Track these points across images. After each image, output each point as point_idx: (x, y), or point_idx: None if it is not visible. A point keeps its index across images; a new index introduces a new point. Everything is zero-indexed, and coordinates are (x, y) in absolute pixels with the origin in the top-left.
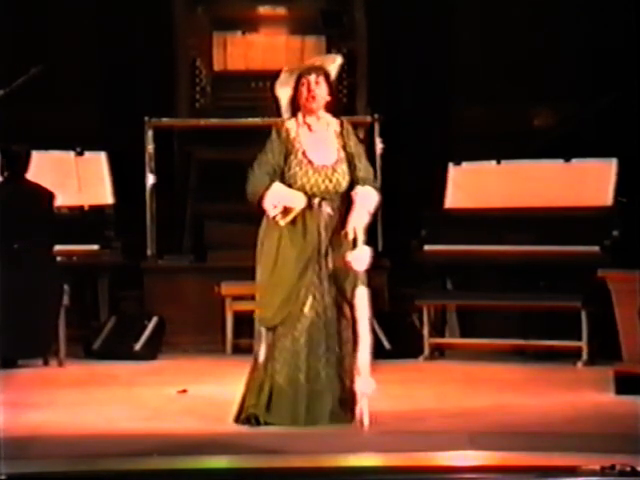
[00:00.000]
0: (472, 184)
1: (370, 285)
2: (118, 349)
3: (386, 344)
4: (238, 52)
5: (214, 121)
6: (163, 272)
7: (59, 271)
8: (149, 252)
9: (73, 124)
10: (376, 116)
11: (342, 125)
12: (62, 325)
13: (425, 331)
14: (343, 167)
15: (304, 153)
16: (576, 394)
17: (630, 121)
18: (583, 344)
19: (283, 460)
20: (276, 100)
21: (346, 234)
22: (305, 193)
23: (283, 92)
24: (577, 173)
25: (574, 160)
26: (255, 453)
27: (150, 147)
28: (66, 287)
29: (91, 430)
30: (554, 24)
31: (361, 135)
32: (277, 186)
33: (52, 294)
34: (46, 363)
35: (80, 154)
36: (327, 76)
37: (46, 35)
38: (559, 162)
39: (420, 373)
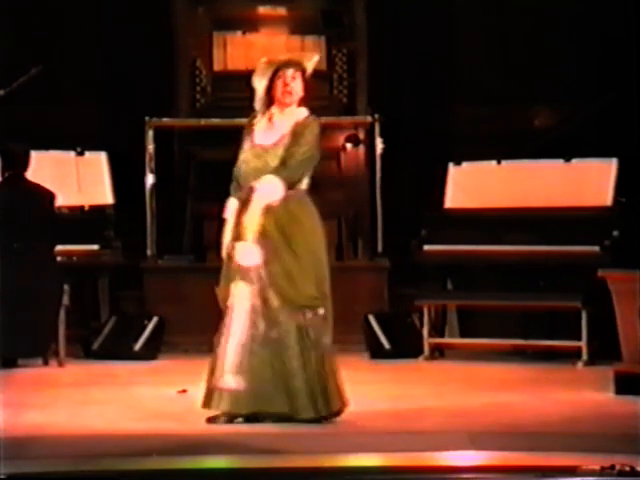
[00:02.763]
0: (472, 184)
1: (251, 282)
2: (118, 349)
3: (386, 344)
4: (238, 52)
5: (214, 121)
6: (163, 272)
7: (59, 271)
8: (149, 252)
9: (73, 124)
10: (376, 116)
11: (306, 119)
12: (62, 325)
13: (425, 331)
14: (279, 151)
15: (254, 136)
16: (576, 394)
17: (630, 121)
18: (583, 344)
19: (283, 460)
20: (252, 91)
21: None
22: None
23: (260, 84)
24: (577, 173)
25: (574, 160)
26: (254, 453)
27: (150, 147)
28: (66, 287)
29: (91, 430)
30: (554, 24)
31: (361, 135)
32: (231, 202)
33: (52, 294)
34: (46, 363)
35: (80, 154)
36: (304, 72)
37: (46, 35)
38: (559, 162)
39: (420, 373)
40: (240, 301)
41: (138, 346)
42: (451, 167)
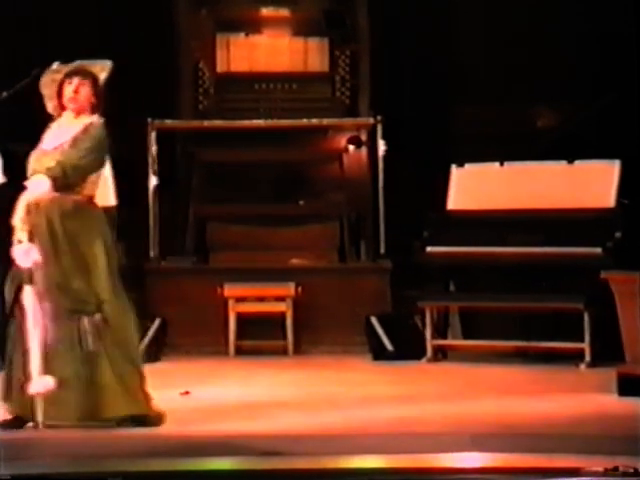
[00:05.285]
0: (475, 185)
1: (33, 282)
2: None
3: (388, 346)
4: (241, 54)
5: (217, 123)
6: (166, 273)
7: None
8: (152, 253)
9: None
10: (379, 118)
11: (89, 125)
12: None
13: (428, 333)
14: (57, 155)
15: (42, 140)
16: (579, 396)
17: (632, 122)
18: (586, 345)
19: (286, 462)
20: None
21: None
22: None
23: (46, 89)
24: (580, 174)
25: (577, 161)
26: (257, 455)
27: (153, 149)
28: None
29: (94, 431)
30: (555, 23)
31: (364, 137)
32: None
33: None
34: None
35: None
36: (94, 80)
37: (47, 36)
38: (562, 163)
39: (423, 375)
40: (28, 303)
41: (141, 348)
42: (453, 169)
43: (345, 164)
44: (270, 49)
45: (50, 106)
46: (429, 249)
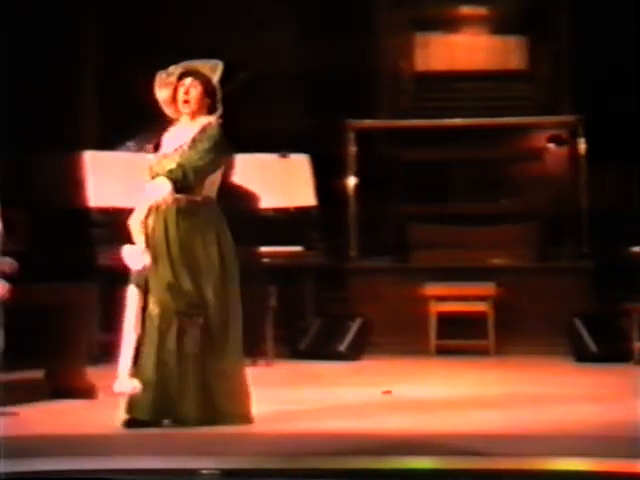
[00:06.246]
0: None
1: (139, 285)
2: (323, 349)
3: (592, 347)
4: (440, 52)
5: (416, 122)
6: (366, 273)
7: (265, 273)
8: (352, 253)
9: (278, 128)
10: (579, 116)
11: (207, 125)
12: (269, 326)
13: (634, 334)
14: (177, 157)
15: (162, 144)
16: None
17: None
18: None
19: (487, 462)
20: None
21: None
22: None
23: (162, 93)
24: None
25: None
26: (457, 454)
27: (352, 149)
28: (273, 288)
29: (301, 428)
30: None
31: (564, 135)
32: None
33: (259, 296)
34: (254, 363)
35: (284, 157)
36: (206, 80)
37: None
38: None
39: (628, 377)
40: (131, 304)
41: (343, 347)
42: None
43: (546, 163)
44: (468, 47)
45: (167, 110)
46: (635, 249)
